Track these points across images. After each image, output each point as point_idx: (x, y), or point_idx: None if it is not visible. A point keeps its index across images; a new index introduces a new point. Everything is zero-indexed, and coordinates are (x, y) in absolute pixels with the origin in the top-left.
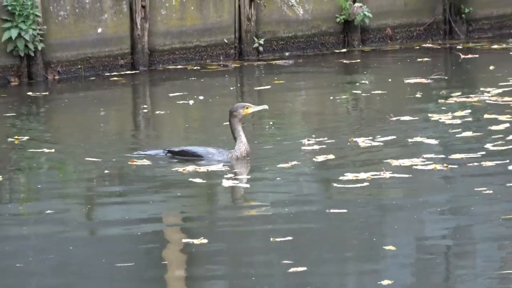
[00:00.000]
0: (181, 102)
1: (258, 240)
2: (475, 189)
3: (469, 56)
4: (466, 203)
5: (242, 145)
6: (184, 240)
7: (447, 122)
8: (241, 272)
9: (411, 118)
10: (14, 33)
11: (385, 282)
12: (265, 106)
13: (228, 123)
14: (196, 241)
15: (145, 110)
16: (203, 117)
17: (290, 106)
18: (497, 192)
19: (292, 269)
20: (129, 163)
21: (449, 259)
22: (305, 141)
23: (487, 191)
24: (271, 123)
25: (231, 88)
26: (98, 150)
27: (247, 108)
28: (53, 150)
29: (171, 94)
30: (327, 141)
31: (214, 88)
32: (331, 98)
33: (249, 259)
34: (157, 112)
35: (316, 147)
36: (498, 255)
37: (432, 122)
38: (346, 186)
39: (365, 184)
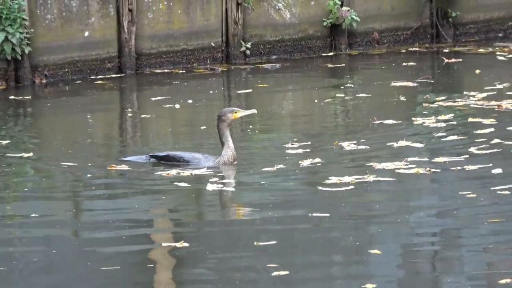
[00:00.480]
0: (167, 106)
1: (242, 244)
2: (459, 193)
3: (453, 60)
4: (450, 207)
5: (230, 150)
6: (169, 244)
7: (432, 125)
8: (225, 276)
9: (396, 121)
10: (1, 36)
11: (369, 286)
12: (254, 111)
13: (216, 127)
14: (180, 245)
15: (131, 114)
16: (189, 121)
17: (275, 110)
18: (481, 196)
19: (275, 273)
20: (108, 168)
21: (435, 263)
22: (288, 144)
23: (471, 195)
24: (256, 127)
25: (216, 91)
26: (81, 155)
27: (235, 112)
28: (31, 154)
29: (157, 98)
30: (312, 145)
31: (201, 91)
32: (316, 101)
33: (233, 263)
34: (143, 116)
35: (300, 150)
36: (485, 259)
37: (417, 126)
38: (331, 189)
39: (350, 187)
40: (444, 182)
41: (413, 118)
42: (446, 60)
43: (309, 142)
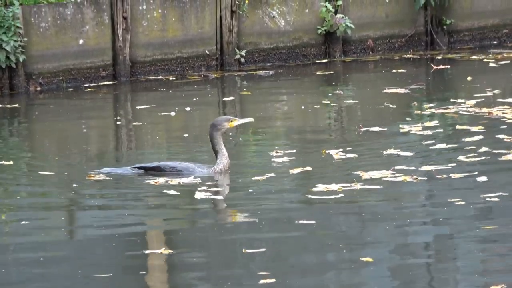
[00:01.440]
0: (163, 113)
1: (230, 251)
2: (448, 200)
3: (441, 67)
4: (439, 214)
5: (225, 158)
6: (158, 251)
7: (421, 133)
8: (213, 283)
9: (384, 129)
10: None
11: None
12: (251, 119)
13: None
14: (170, 252)
15: (124, 122)
16: (184, 128)
17: (264, 117)
18: (470, 203)
19: (263, 281)
20: (87, 178)
21: (427, 271)
22: (273, 153)
23: (460, 202)
24: (245, 134)
25: (210, 97)
26: (69, 163)
27: (231, 121)
28: (11, 163)
29: (151, 105)
30: (299, 153)
31: (195, 98)
32: (304, 107)
33: (221, 270)
34: (137, 123)
35: (286, 158)
36: (479, 266)
37: (406, 133)
38: (318, 197)
39: (338, 196)
40: (432, 190)
41: (402, 126)
42: (434, 67)
43: (296, 150)
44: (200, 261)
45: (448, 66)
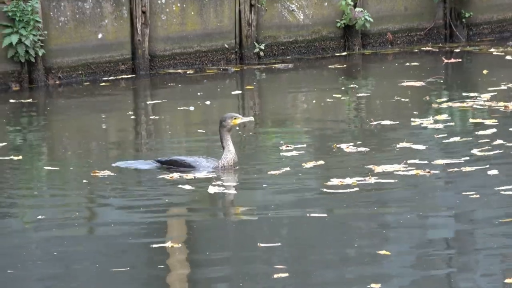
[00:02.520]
0: (182, 108)
1: (245, 245)
2: (463, 193)
3: (452, 60)
4: (454, 207)
5: (230, 154)
6: (174, 245)
7: (434, 126)
8: (229, 277)
9: (397, 122)
10: (14, 39)
11: (375, 286)
12: (251, 118)
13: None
14: (186, 246)
15: (143, 116)
16: (202, 122)
17: (279, 110)
18: (484, 196)
19: (276, 275)
20: (92, 174)
21: (446, 264)
22: (283, 147)
23: (474, 196)
24: (258, 128)
25: (229, 91)
26: (86, 157)
27: (235, 118)
28: (30, 156)
29: (170, 100)
30: (311, 147)
31: (214, 92)
32: (314, 101)
33: (237, 264)
34: (156, 117)
35: (298, 152)
36: (498, 259)
37: (418, 127)
38: (333, 191)
39: (354, 189)
40: (446, 184)
41: (414, 119)
42: (445, 61)
43: (308, 144)
44: (216, 255)
45: (460, 60)
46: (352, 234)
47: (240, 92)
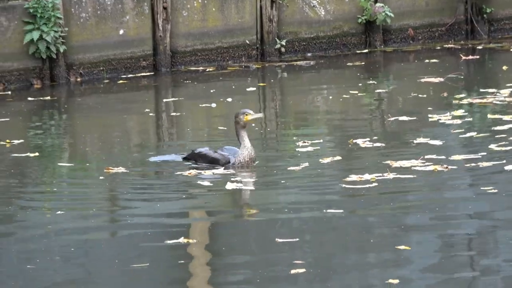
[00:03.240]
0: (203, 105)
1: (263, 241)
2: (481, 188)
3: (470, 57)
4: (473, 202)
5: (245, 150)
6: (192, 241)
7: (452, 122)
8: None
9: (413, 118)
10: (36, 35)
11: (394, 281)
12: (261, 115)
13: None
14: (205, 242)
15: (165, 113)
16: (224, 119)
17: (297, 107)
18: (502, 191)
19: (294, 271)
20: (105, 171)
21: (465, 259)
22: (299, 143)
23: (492, 191)
24: (279, 125)
25: (251, 88)
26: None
27: (246, 115)
28: (37, 154)
29: (192, 96)
30: (329, 142)
31: (235, 89)
32: (331, 97)
33: (254, 259)
34: (177, 114)
35: (314, 148)
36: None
37: (436, 123)
38: (352, 187)
39: (373, 185)
40: (463, 179)
41: (432, 115)
42: (463, 58)
43: (325, 139)
44: (235, 250)
45: (478, 57)
46: (373, 229)
47: (257, 89)
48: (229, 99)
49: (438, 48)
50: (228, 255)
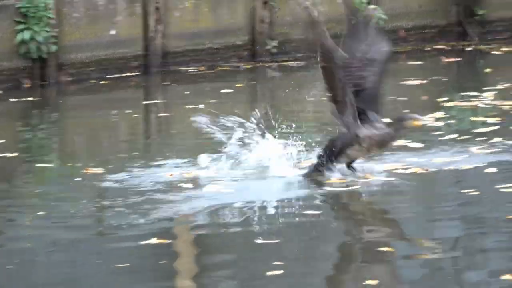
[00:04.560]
0: (191, 106)
1: (244, 241)
2: (461, 191)
3: (452, 59)
4: (456, 204)
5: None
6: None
7: (433, 125)
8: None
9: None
10: (27, 35)
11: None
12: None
13: None
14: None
15: (154, 113)
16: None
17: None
18: (485, 193)
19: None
20: (84, 171)
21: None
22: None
23: (474, 193)
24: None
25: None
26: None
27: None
28: (15, 154)
29: (181, 97)
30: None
31: (224, 90)
32: (306, 97)
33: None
34: (167, 114)
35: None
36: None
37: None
38: (334, 189)
39: (355, 187)
40: (444, 181)
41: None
42: (444, 60)
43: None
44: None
45: (459, 59)
46: (354, 232)
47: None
48: (214, 100)
49: (428, 49)
50: (211, 255)
